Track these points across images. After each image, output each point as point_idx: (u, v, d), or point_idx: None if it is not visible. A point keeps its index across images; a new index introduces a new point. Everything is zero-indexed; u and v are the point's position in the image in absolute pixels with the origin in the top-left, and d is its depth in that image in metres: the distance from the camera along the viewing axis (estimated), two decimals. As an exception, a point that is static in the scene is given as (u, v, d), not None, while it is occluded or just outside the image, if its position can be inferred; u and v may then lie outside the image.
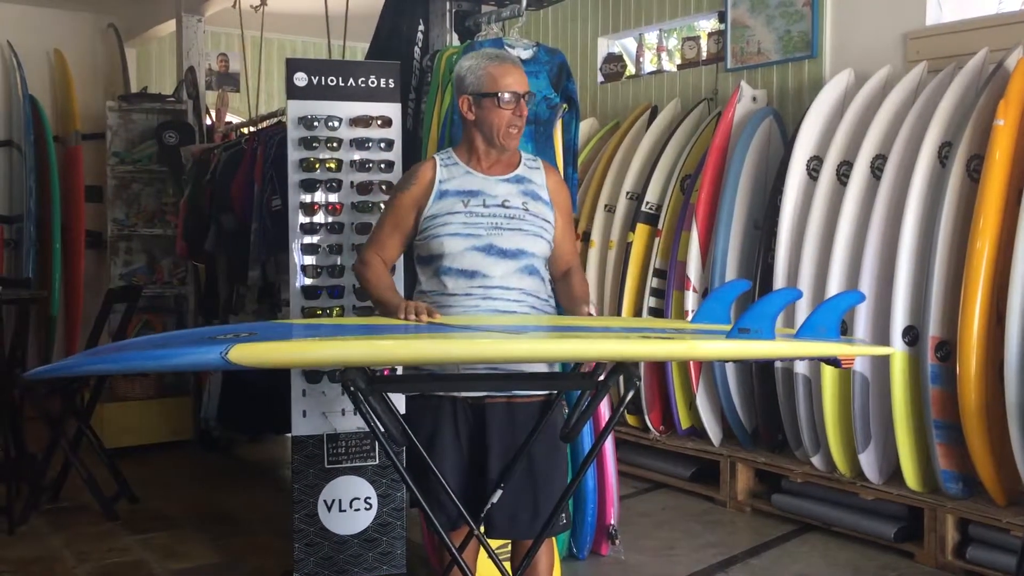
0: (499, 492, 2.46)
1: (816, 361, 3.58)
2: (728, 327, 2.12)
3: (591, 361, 2.46)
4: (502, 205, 2.55)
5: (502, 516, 2.51)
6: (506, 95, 2.51)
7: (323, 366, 2.01)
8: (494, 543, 2.52)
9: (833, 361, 2.11)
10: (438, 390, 2.53)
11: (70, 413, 4.49)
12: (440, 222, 2.52)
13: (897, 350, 3.76)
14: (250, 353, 1.87)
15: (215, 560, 3.87)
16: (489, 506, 2.47)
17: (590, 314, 2.52)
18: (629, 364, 2.17)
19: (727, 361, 4.45)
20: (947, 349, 3.72)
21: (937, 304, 3.72)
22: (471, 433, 2.53)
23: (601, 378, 2.34)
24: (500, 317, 2.48)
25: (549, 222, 2.61)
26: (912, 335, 3.81)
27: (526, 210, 2.57)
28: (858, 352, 2.11)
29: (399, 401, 2.73)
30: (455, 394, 2.51)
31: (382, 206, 3.42)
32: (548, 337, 2.21)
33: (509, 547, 2.83)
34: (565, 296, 2.68)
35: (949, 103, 3.83)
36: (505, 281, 2.51)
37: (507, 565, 2.63)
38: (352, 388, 2.06)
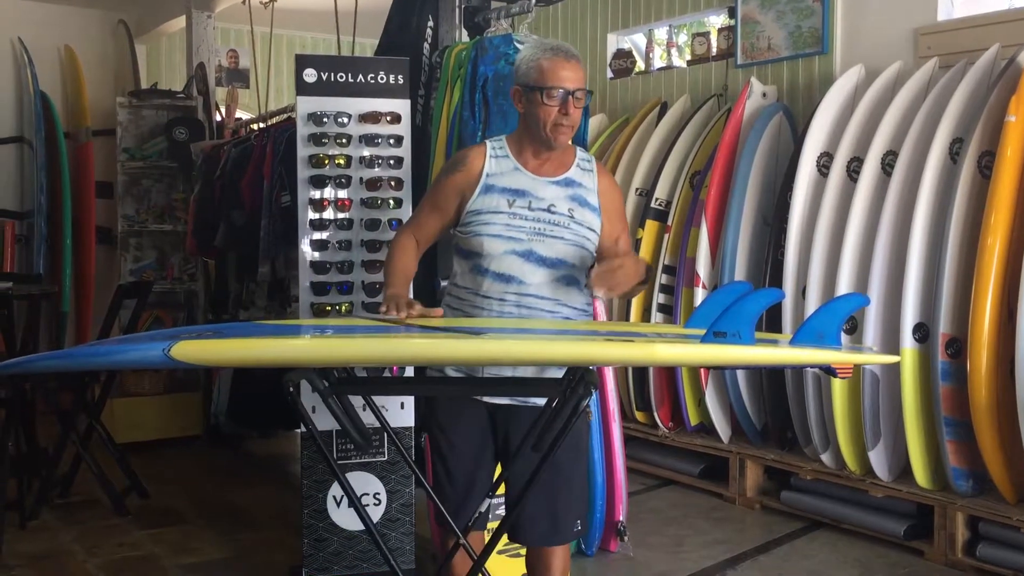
0: (488, 501, 2.38)
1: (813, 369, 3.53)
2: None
3: (543, 364, 2.33)
4: (547, 210, 2.43)
5: (519, 521, 2.43)
6: (554, 91, 2.37)
7: (266, 365, 1.96)
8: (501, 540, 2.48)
9: (828, 369, 1.97)
10: (405, 393, 2.48)
11: (81, 408, 4.51)
12: (483, 220, 2.42)
13: (898, 357, 3.72)
14: (192, 350, 1.83)
15: (224, 555, 3.88)
16: (488, 507, 2.41)
17: (590, 288, 2.36)
18: (583, 369, 2.02)
19: (701, 367, 4.41)
20: (958, 346, 3.71)
21: (948, 301, 3.70)
22: (489, 435, 2.49)
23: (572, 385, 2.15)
24: (507, 321, 2.41)
25: (595, 231, 2.49)
26: (922, 332, 3.80)
27: (571, 217, 2.45)
28: (848, 360, 1.96)
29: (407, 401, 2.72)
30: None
31: (391, 202, 3.43)
32: (500, 339, 2.08)
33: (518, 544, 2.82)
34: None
35: (960, 99, 3.81)
36: (541, 290, 2.42)
37: (513, 562, 2.61)
38: (291, 390, 1.99)
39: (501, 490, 2.51)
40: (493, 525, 2.96)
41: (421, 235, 2.55)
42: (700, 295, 4.56)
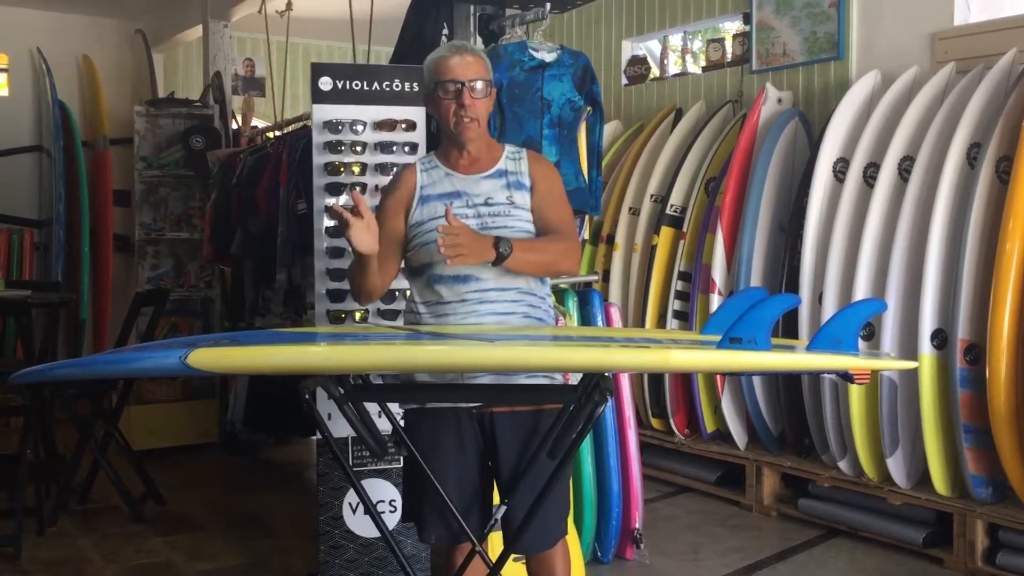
0: (503, 507, 2.35)
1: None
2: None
3: (558, 371, 2.32)
4: (485, 203, 2.44)
5: (511, 530, 2.40)
6: (447, 84, 2.39)
7: (282, 373, 1.96)
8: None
9: (845, 375, 1.95)
10: (420, 400, 2.47)
11: (98, 416, 4.54)
12: (426, 229, 2.41)
13: (915, 363, 3.69)
14: (209, 358, 1.85)
15: (241, 562, 3.89)
16: (494, 521, 2.37)
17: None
18: (598, 375, 2.02)
19: (714, 373, 4.40)
20: (976, 352, 3.68)
21: (966, 307, 3.68)
22: (479, 444, 2.44)
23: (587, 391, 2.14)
24: (493, 327, 2.38)
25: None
26: (941, 338, 3.77)
27: (512, 203, 2.45)
28: (865, 366, 1.93)
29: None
30: (458, 405, 2.41)
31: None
32: (514, 346, 2.09)
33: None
34: None
35: (978, 104, 3.79)
36: (499, 282, 2.40)
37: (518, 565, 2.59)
38: (307, 397, 2.01)
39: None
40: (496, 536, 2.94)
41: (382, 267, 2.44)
42: (716, 301, 4.54)
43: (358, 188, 3.41)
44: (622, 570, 3.80)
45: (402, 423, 2.51)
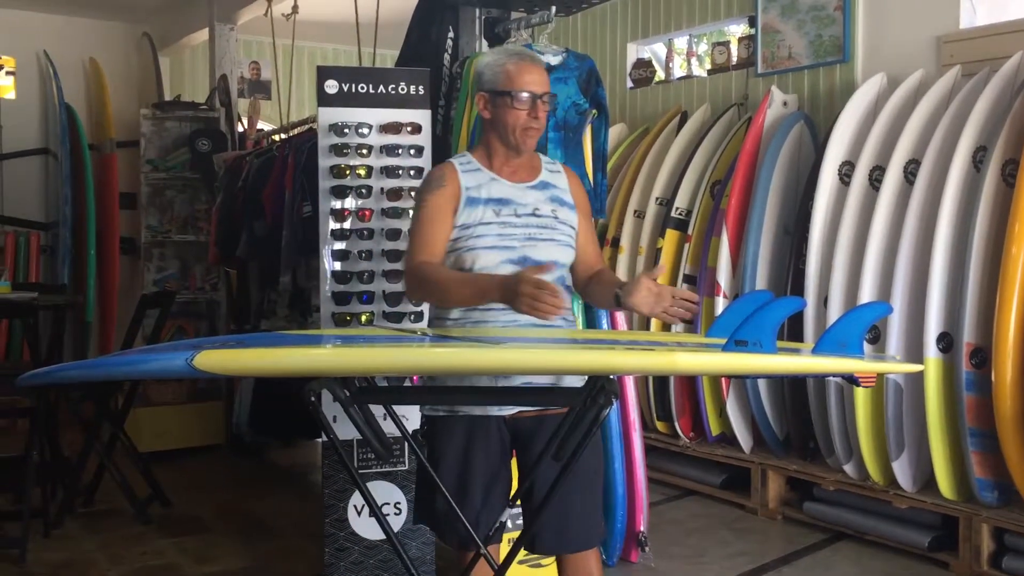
0: (510, 511, 2.34)
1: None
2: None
3: (563, 373, 2.31)
4: (533, 214, 2.45)
5: (550, 532, 2.41)
6: (522, 94, 2.39)
7: (288, 375, 1.96)
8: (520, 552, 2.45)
9: (850, 379, 1.93)
10: (426, 402, 2.46)
11: (104, 417, 4.55)
12: (474, 233, 2.40)
13: (921, 366, 3.67)
14: (215, 360, 1.85)
15: (246, 564, 3.90)
16: (499, 524, 2.37)
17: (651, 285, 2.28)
18: (603, 378, 2.01)
19: (719, 376, 4.40)
20: (982, 356, 3.68)
21: (972, 311, 3.67)
22: (505, 449, 2.44)
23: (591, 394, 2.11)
24: (528, 331, 2.39)
25: (575, 228, 2.52)
26: (946, 342, 3.77)
27: (555, 218, 2.48)
28: (871, 369, 1.91)
29: (413, 414, 2.70)
30: (489, 411, 2.41)
31: (411, 212, 3.44)
32: (520, 349, 2.08)
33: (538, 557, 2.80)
34: (599, 291, 2.51)
35: (984, 107, 3.79)
36: None
37: (533, 572, 2.60)
38: (313, 399, 2.00)
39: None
40: (513, 535, 2.95)
41: (435, 255, 2.42)
42: (721, 304, 4.54)
43: (363, 190, 3.42)
44: (627, 573, 3.80)
45: (420, 427, 2.50)
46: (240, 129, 6.34)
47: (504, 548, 2.51)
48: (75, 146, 6.59)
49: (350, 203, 3.42)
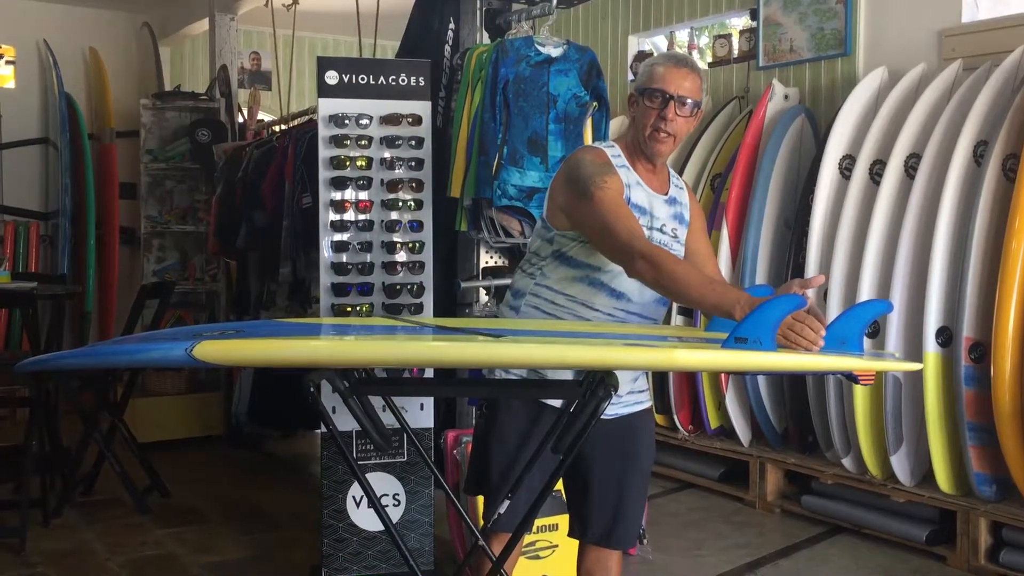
0: (507, 502, 2.29)
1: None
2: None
3: (561, 368, 2.29)
4: (661, 229, 2.39)
5: (601, 523, 2.42)
6: (656, 92, 2.29)
7: (288, 365, 1.96)
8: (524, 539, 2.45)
9: (850, 376, 1.92)
10: (425, 394, 2.46)
11: (103, 408, 4.55)
12: None
13: (920, 365, 3.67)
14: (214, 350, 1.84)
15: (245, 554, 3.90)
16: (497, 515, 2.34)
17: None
18: (603, 372, 1.99)
19: (718, 372, 4.40)
20: (981, 350, 3.68)
21: (971, 305, 3.67)
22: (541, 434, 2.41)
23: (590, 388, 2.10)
24: (528, 323, 2.38)
25: (684, 245, 2.47)
26: (946, 336, 3.77)
27: (675, 238, 2.42)
28: (870, 368, 1.90)
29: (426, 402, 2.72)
30: (546, 402, 2.39)
31: (411, 204, 3.44)
32: (519, 342, 2.07)
33: (536, 543, 2.79)
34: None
35: (985, 101, 3.78)
36: (645, 309, 2.39)
37: (532, 563, 2.59)
38: (312, 390, 2.00)
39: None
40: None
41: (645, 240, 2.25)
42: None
43: (363, 181, 3.41)
44: (625, 566, 3.76)
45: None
46: (240, 120, 6.34)
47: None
48: (75, 136, 6.58)
49: (350, 194, 3.42)
